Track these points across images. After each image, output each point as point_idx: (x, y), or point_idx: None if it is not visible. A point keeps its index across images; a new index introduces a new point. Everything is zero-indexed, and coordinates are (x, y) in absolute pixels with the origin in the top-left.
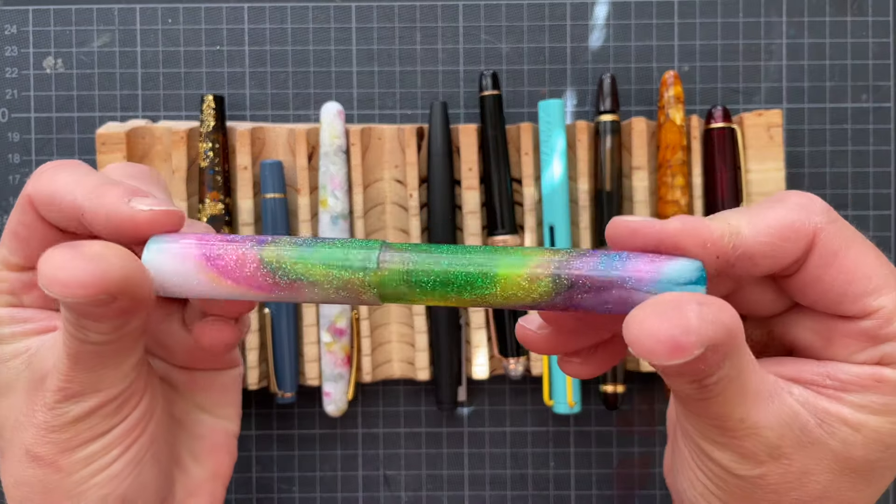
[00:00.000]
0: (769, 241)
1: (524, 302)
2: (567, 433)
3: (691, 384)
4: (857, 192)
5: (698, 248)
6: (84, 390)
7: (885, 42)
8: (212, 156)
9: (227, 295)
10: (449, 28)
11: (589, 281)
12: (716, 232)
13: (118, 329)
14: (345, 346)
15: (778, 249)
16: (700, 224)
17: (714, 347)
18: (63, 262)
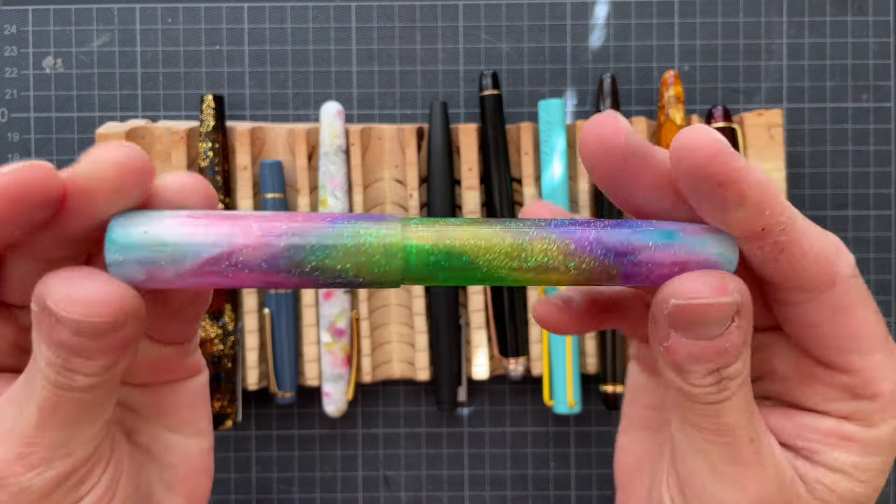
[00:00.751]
0: (810, 252)
1: (565, 277)
2: (567, 433)
3: (710, 376)
4: (857, 192)
5: (757, 207)
6: (50, 455)
7: (886, 42)
8: (211, 155)
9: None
10: (449, 28)
11: (642, 258)
12: (779, 206)
13: (108, 369)
14: (345, 347)
15: (809, 268)
16: (774, 190)
17: (745, 306)
18: (79, 281)
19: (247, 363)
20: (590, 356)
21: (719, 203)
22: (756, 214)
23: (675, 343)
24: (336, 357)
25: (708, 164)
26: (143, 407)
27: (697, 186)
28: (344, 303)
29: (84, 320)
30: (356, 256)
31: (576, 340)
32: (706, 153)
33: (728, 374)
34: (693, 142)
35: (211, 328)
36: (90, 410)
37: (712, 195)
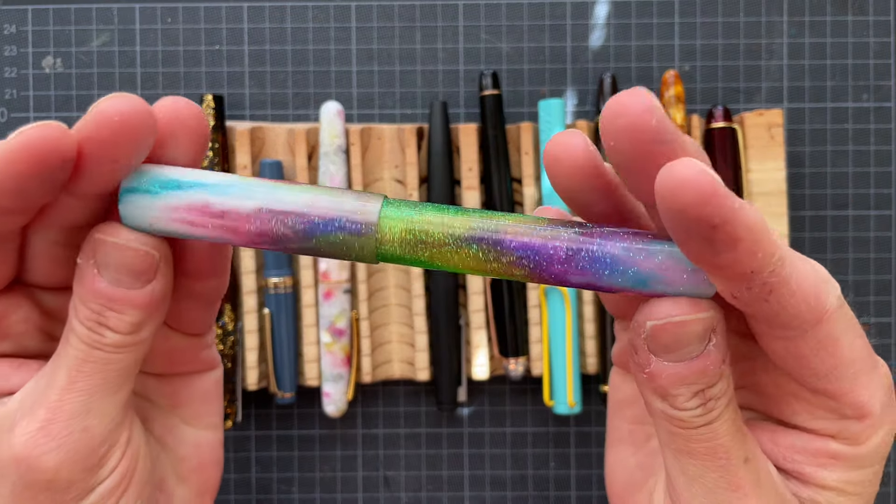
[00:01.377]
0: (799, 291)
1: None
2: (567, 434)
3: (695, 399)
4: (857, 192)
5: (749, 250)
6: (71, 426)
7: (886, 42)
8: (211, 155)
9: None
10: (449, 27)
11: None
12: (770, 246)
13: (138, 328)
14: (344, 347)
15: (798, 306)
16: (767, 230)
17: (718, 329)
18: (122, 228)
19: (246, 363)
20: (590, 356)
21: (708, 245)
22: (748, 257)
23: (657, 368)
24: (336, 357)
25: (701, 205)
26: (159, 397)
27: (686, 226)
28: (344, 303)
29: (129, 246)
30: (335, 248)
31: (576, 341)
32: (699, 193)
33: (713, 395)
34: (684, 179)
35: None
36: (112, 378)
37: (702, 236)
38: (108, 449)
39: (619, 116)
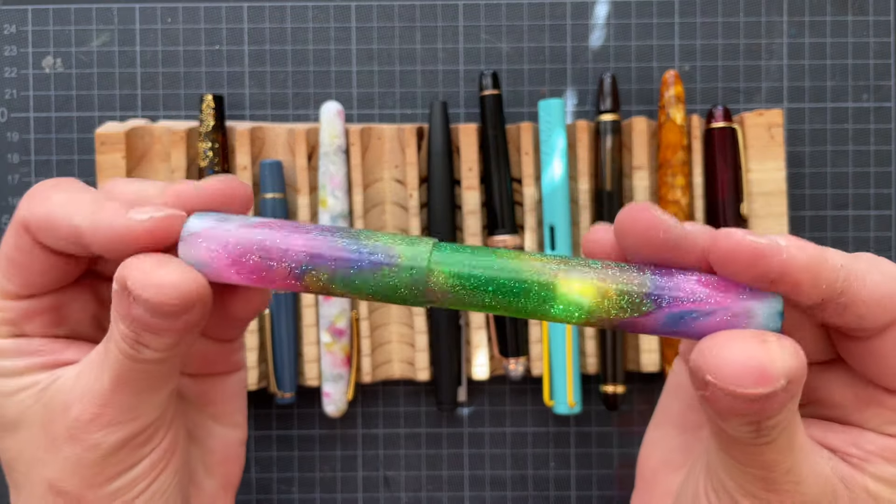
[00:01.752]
0: (871, 300)
1: (591, 319)
2: (567, 434)
3: (749, 426)
4: (857, 192)
5: (812, 286)
6: (120, 417)
7: (886, 42)
8: (211, 155)
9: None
10: (449, 27)
11: (675, 307)
12: (832, 274)
13: (175, 346)
14: (344, 347)
15: (873, 313)
16: (822, 261)
17: (794, 381)
18: (155, 267)
19: (246, 363)
20: (590, 356)
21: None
22: (812, 291)
23: (714, 394)
24: (336, 357)
25: (753, 268)
26: (191, 395)
27: (749, 282)
28: (344, 303)
29: (155, 300)
30: (382, 290)
31: (576, 341)
32: (747, 259)
33: (769, 425)
34: (734, 253)
35: None
36: (156, 381)
37: (766, 287)
38: (154, 430)
39: (628, 235)
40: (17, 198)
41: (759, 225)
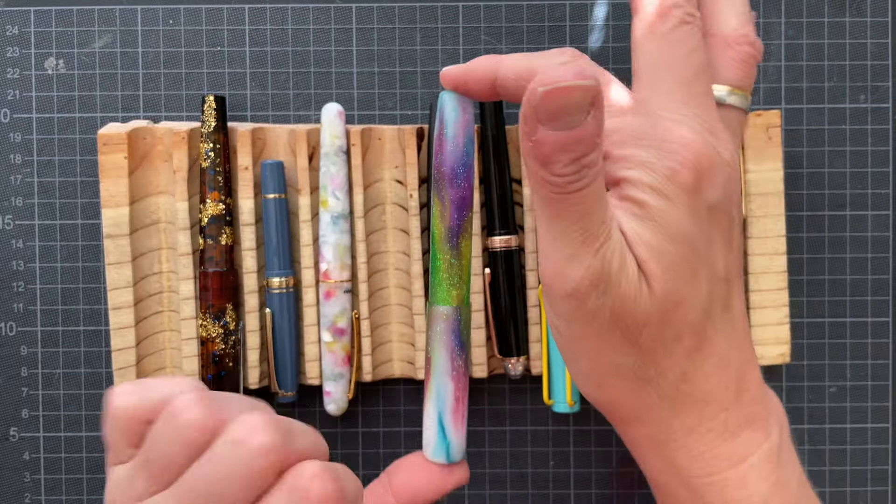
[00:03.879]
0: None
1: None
2: (567, 432)
3: (572, 165)
4: (855, 192)
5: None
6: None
7: (884, 42)
8: (213, 156)
9: None
10: (449, 29)
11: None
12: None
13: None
14: (345, 346)
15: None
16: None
17: (598, 95)
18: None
19: (248, 362)
20: None
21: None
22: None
23: (542, 136)
24: (337, 356)
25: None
26: None
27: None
28: (344, 302)
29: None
30: None
31: None
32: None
33: (587, 163)
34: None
35: (212, 328)
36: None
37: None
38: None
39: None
40: (20, 198)
41: (758, 225)
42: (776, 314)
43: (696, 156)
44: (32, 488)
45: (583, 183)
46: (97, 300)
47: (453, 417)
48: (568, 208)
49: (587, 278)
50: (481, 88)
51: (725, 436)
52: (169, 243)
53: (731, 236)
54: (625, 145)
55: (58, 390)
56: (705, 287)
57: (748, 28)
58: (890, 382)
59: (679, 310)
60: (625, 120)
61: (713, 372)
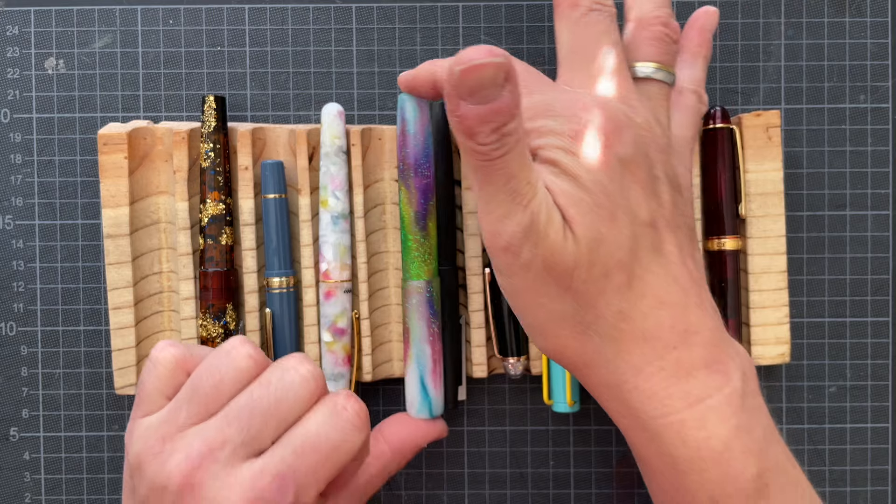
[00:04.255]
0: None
1: None
2: (566, 432)
3: (493, 134)
4: (855, 192)
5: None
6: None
7: (884, 43)
8: (213, 156)
9: None
10: (449, 29)
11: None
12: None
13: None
14: (345, 346)
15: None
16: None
17: (510, 71)
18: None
19: None
20: None
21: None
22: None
23: (466, 111)
24: (337, 356)
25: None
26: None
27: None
28: (345, 302)
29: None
30: None
31: None
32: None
33: (506, 132)
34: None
35: (212, 328)
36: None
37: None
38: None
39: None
40: (20, 198)
41: (757, 225)
42: (776, 314)
43: (597, 118)
44: (33, 488)
45: (505, 149)
46: (97, 300)
47: (433, 378)
48: (495, 173)
49: (518, 233)
50: (426, 90)
51: (679, 374)
52: (169, 243)
53: (656, 190)
54: (536, 119)
55: (58, 390)
56: (626, 229)
57: (661, 10)
58: (890, 382)
59: (602, 248)
60: (535, 98)
61: (650, 311)
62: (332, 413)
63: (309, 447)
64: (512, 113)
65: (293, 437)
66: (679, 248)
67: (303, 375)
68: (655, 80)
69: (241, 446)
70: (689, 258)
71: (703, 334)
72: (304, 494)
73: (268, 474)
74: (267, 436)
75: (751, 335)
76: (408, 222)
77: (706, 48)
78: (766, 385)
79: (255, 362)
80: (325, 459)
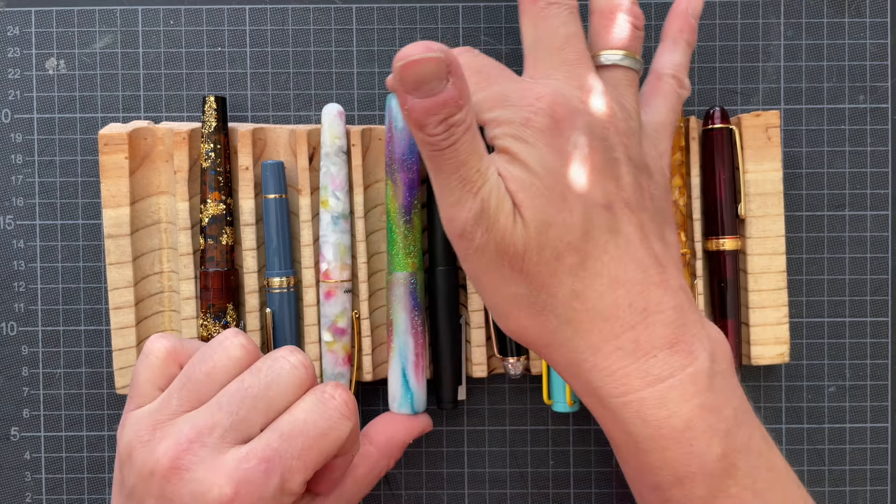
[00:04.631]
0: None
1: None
2: (566, 431)
3: (441, 125)
4: (854, 193)
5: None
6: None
7: (883, 43)
8: (213, 156)
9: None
10: (449, 29)
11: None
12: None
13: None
14: (345, 346)
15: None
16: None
17: (452, 62)
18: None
19: None
20: None
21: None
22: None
23: (412, 104)
24: (337, 356)
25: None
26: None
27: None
28: (345, 302)
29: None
30: None
31: None
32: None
33: (453, 122)
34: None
35: (213, 327)
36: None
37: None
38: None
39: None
40: (21, 198)
41: (757, 225)
42: (775, 314)
43: (550, 105)
44: (33, 488)
45: (453, 139)
46: (98, 300)
47: (415, 371)
48: (445, 161)
49: (470, 218)
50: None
51: (637, 354)
52: (170, 243)
53: (615, 173)
54: (493, 109)
55: (59, 390)
56: (578, 212)
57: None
58: (889, 382)
59: (551, 231)
60: (492, 89)
61: (606, 291)
62: (320, 401)
63: (296, 433)
64: (458, 104)
65: (281, 423)
66: (640, 228)
67: (293, 364)
68: (621, 67)
69: (230, 430)
70: (656, 238)
71: (665, 314)
72: (291, 480)
73: (254, 457)
74: (256, 422)
75: (750, 335)
76: (393, 215)
77: (688, 33)
78: (766, 385)
79: (247, 352)
80: (311, 445)
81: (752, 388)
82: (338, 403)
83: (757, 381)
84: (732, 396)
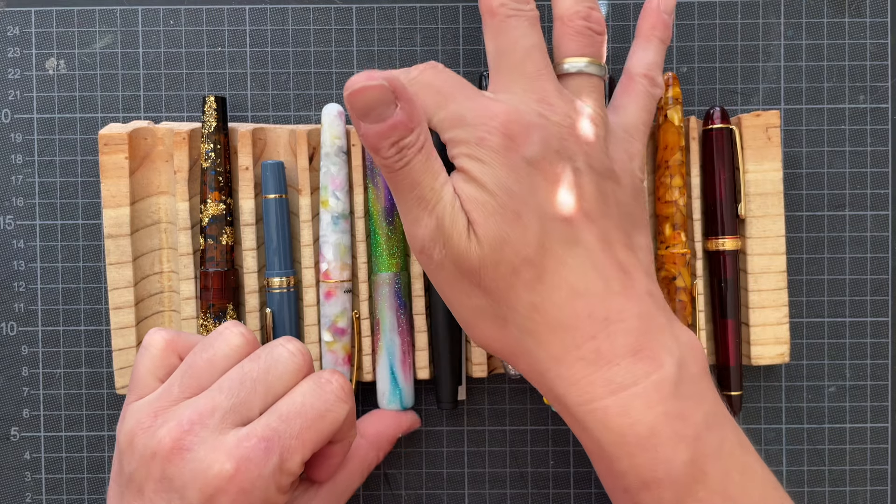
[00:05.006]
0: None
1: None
2: (566, 431)
3: (393, 148)
4: (854, 193)
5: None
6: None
7: (883, 43)
8: (213, 156)
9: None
10: (449, 29)
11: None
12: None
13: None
14: (345, 346)
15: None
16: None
17: (397, 87)
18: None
19: None
20: None
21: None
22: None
23: (365, 129)
24: (337, 356)
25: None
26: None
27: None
28: (345, 302)
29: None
30: None
31: None
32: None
33: (405, 144)
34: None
35: (213, 327)
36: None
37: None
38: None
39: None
40: (21, 198)
41: (757, 225)
42: (775, 314)
43: (503, 123)
44: (33, 488)
45: (405, 160)
46: (98, 300)
47: (403, 368)
48: (401, 181)
49: (427, 235)
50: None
51: (599, 363)
52: (170, 243)
53: (577, 183)
54: (451, 129)
55: (59, 390)
56: (534, 227)
57: (580, 5)
58: (889, 382)
59: (506, 247)
60: (450, 109)
61: (565, 302)
62: (317, 385)
63: (294, 414)
64: (408, 127)
65: (280, 405)
66: (603, 237)
67: (291, 351)
68: (584, 74)
69: (231, 412)
70: (621, 246)
71: (627, 322)
72: (290, 459)
73: (254, 436)
74: (255, 405)
75: (750, 335)
76: (376, 217)
77: (660, 30)
78: (766, 385)
79: (246, 341)
80: (309, 426)
81: (752, 388)
82: (334, 387)
83: (757, 381)
84: (703, 401)
